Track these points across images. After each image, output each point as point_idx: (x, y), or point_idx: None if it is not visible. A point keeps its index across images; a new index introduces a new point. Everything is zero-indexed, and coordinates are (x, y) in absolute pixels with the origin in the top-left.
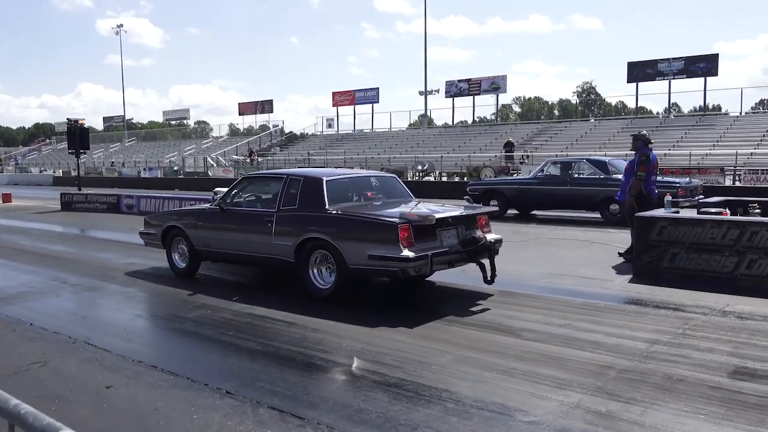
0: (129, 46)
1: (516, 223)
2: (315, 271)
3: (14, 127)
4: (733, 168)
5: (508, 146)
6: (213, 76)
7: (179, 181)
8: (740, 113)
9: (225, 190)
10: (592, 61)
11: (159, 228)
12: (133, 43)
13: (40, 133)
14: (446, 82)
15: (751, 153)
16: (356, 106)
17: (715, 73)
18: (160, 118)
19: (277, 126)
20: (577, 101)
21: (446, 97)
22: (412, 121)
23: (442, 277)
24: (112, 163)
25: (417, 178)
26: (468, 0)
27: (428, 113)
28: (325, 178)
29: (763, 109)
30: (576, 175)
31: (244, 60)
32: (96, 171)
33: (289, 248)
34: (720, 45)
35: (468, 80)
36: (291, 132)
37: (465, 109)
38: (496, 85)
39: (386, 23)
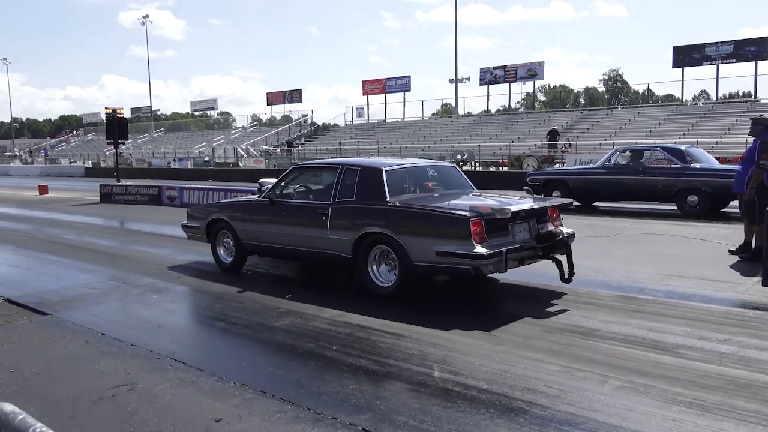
0: (152, 38)
1: (586, 216)
2: (374, 267)
3: (41, 119)
4: None
5: (553, 134)
6: (234, 67)
7: (210, 171)
8: None
9: (271, 181)
10: (615, 48)
11: (203, 221)
12: (156, 35)
13: (66, 124)
14: (481, 69)
15: None
16: (387, 95)
17: (767, 57)
18: (183, 109)
19: (306, 115)
20: (605, 89)
21: (481, 84)
22: (434, 110)
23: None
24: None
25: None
26: None
27: (461, 101)
28: (384, 168)
29: None
30: (649, 165)
31: (265, 50)
32: (125, 162)
33: (347, 243)
34: (746, 30)
35: (504, 67)
36: (315, 123)
37: (493, 98)
38: (533, 72)
39: (406, 12)
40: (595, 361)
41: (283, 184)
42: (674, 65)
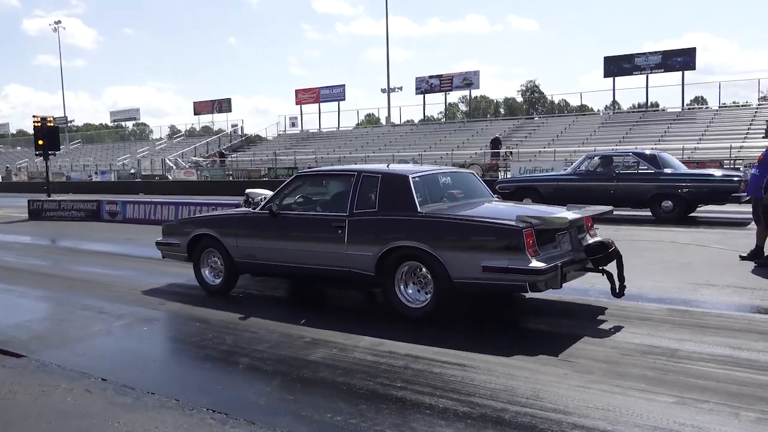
0: (61, 47)
1: None
2: (402, 287)
3: None
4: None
5: (495, 142)
6: (149, 78)
7: (137, 184)
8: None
9: (260, 191)
10: (528, 60)
11: (184, 237)
12: (65, 44)
13: None
14: (416, 78)
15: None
16: (321, 104)
17: (693, 67)
18: (96, 121)
19: (237, 125)
20: (522, 99)
21: (417, 93)
22: (359, 121)
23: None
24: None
25: None
26: (408, 1)
27: (396, 110)
28: (410, 175)
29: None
30: (622, 170)
31: (182, 60)
32: (41, 176)
33: (369, 260)
34: (648, 45)
35: (439, 76)
36: (246, 134)
37: (415, 108)
38: (468, 81)
39: (326, 24)
40: (706, 388)
41: (285, 193)
42: (605, 75)
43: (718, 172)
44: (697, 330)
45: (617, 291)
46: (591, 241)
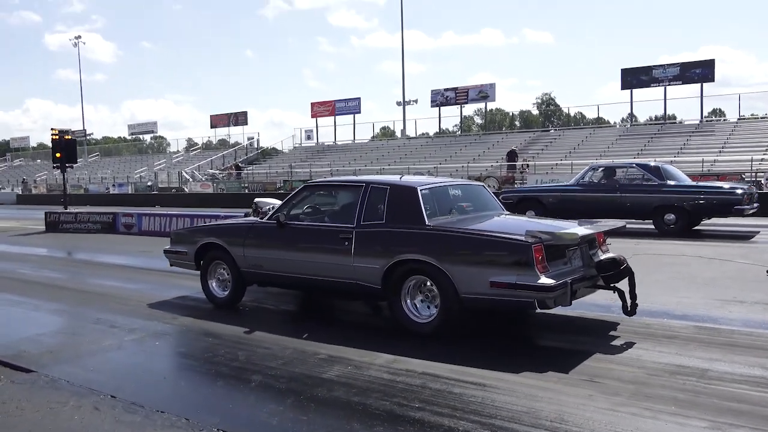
0: (81, 61)
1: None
2: (409, 301)
3: None
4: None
5: (511, 155)
6: (167, 91)
7: (154, 197)
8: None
9: (269, 201)
10: (543, 73)
11: (192, 246)
12: (85, 58)
13: None
14: (432, 90)
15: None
16: (336, 117)
17: (711, 79)
18: (114, 134)
19: (253, 138)
20: (538, 112)
21: (432, 106)
22: (375, 133)
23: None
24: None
25: None
26: (422, 14)
27: (411, 123)
28: (419, 187)
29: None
30: (625, 182)
31: (199, 74)
32: (60, 188)
33: (376, 272)
34: (664, 57)
35: (455, 89)
36: (262, 147)
37: (430, 121)
38: (484, 94)
39: (340, 37)
40: (740, 412)
41: (293, 203)
42: (623, 87)
43: (725, 185)
44: (728, 349)
45: (629, 309)
46: (603, 257)
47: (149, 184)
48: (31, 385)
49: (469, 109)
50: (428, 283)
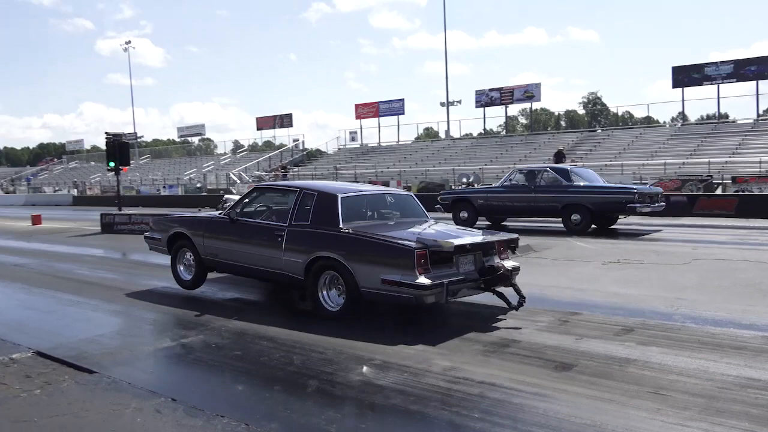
0: (131, 66)
1: (614, 240)
2: (325, 292)
3: (18, 148)
4: None
5: (559, 155)
6: (213, 94)
7: (202, 198)
8: None
9: (235, 197)
10: (589, 72)
11: (165, 234)
12: (135, 63)
13: (45, 152)
14: (476, 91)
15: None
16: (380, 118)
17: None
18: (163, 136)
19: (298, 140)
20: (584, 112)
21: (477, 106)
22: (418, 134)
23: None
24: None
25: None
26: (464, 14)
27: (456, 124)
28: (340, 195)
29: None
30: (540, 183)
31: (244, 77)
32: (113, 189)
33: (300, 265)
34: (714, 54)
35: (499, 89)
36: (307, 148)
37: (475, 122)
38: (529, 93)
39: (383, 39)
40: None
41: (244, 202)
42: (674, 85)
43: (625, 186)
44: None
45: (513, 305)
46: (489, 264)
47: (198, 185)
48: (94, 386)
49: (514, 109)
50: (339, 278)
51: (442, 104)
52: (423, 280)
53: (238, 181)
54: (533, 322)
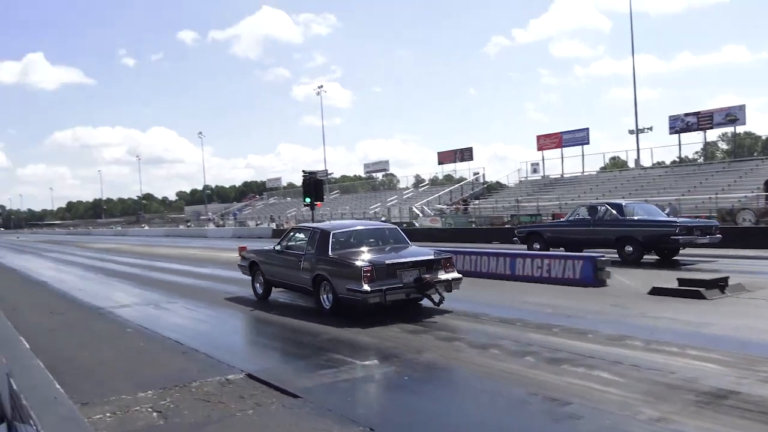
0: (323, 108)
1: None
2: (325, 296)
3: (227, 186)
4: None
5: None
6: (396, 130)
7: None
8: None
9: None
10: None
11: (246, 262)
12: (326, 105)
13: (248, 189)
14: (670, 117)
15: None
16: (563, 149)
17: None
18: (350, 172)
19: (479, 173)
20: None
21: (671, 133)
22: (604, 164)
23: None
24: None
25: None
26: (653, 37)
27: (647, 152)
28: (332, 231)
29: None
30: (599, 217)
31: (424, 113)
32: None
33: (309, 280)
34: None
35: (696, 113)
36: (487, 182)
37: (666, 150)
38: (732, 117)
39: (564, 68)
40: None
41: (285, 238)
42: None
43: (670, 219)
44: None
45: (436, 302)
46: (421, 276)
47: (383, 219)
48: (299, 410)
49: (712, 134)
50: (329, 287)
51: (631, 132)
52: (366, 287)
53: (421, 215)
54: (754, 371)
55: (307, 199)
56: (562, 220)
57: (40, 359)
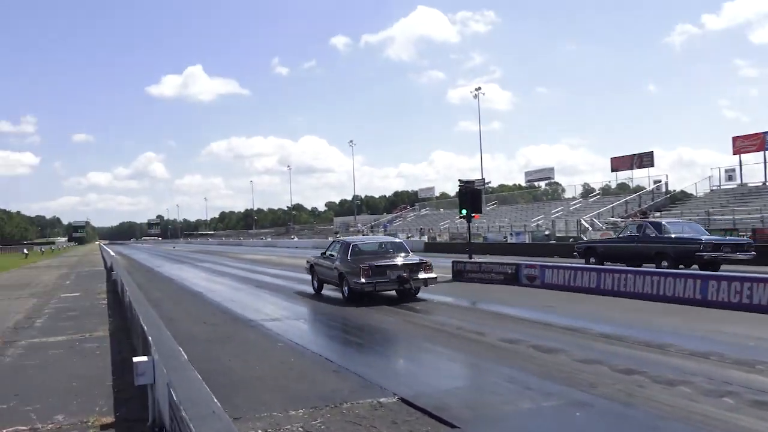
0: (480, 111)
1: None
2: (345, 288)
3: (376, 196)
4: None
5: None
6: (562, 135)
7: (549, 247)
8: None
9: (345, 239)
10: None
11: (309, 264)
12: (483, 108)
13: (399, 200)
14: None
15: None
16: (767, 152)
17: None
18: (509, 181)
19: (660, 182)
20: None
21: None
22: None
23: None
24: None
25: None
26: None
27: None
28: (352, 243)
29: None
30: (644, 234)
31: (595, 115)
32: (461, 236)
33: (337, 277)
34: None
35: None
36: (670, 191)
37: None
38: None
39: (765, 57)
40: None
41: (328, 247)
42: None
43: (696, 236)
44: None
45: (413, 292)
46: (402, 274)
47: (547, 233)
48: None
49: None
50: (346, 281)
51: None
52: (363, 281)
53: (590, 228)
54: None
55: (463, 211)
56: (613, 236)
57: (196, 369)
